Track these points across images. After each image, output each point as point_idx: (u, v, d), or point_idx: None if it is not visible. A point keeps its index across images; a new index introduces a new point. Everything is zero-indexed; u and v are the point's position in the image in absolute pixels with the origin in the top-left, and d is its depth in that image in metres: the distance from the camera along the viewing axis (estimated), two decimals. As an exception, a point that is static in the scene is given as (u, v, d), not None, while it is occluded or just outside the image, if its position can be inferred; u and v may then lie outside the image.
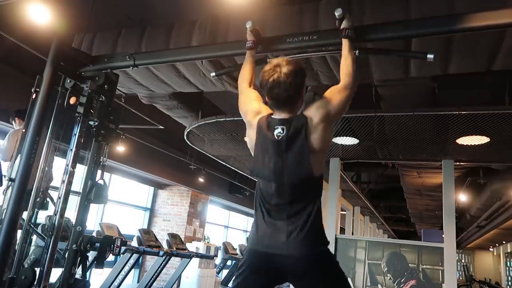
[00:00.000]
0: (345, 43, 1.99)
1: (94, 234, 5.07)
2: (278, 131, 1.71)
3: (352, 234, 7.98)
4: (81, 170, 2.97)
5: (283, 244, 1.66)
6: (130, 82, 3.63)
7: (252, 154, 1.82)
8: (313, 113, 1.71)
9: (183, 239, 7.48)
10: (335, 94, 1.79)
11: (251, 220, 13.67)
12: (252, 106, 1.88)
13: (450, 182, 4.45)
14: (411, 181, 6.28)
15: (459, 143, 3.99)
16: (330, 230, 4.83)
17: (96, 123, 2.93)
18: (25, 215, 2.69)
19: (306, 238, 1.66)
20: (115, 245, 3.15)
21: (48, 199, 2.83)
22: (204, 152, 5.58)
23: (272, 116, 1.76)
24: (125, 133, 4.13)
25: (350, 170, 6.68)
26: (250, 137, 1.83)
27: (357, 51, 2.17)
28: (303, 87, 1.77)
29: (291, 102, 1.73)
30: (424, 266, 4.25)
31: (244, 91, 2.00)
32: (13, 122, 4.04)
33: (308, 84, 3.18)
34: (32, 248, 3.69)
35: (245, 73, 2.08)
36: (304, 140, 1.67)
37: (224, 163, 6.08)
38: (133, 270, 6.52)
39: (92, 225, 6.68)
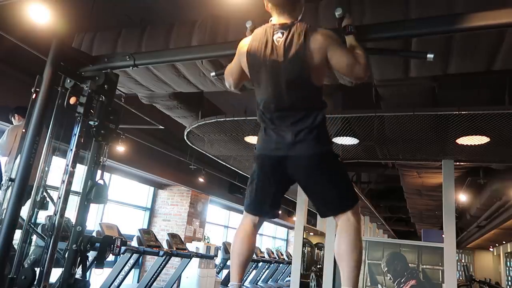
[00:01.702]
0: (350, 39, 1.95)
1: (94, 234, 5.07)
2: (277, 35, 1.75)
3: (352, 234, 7.96)
4: (81, 170, 2.97)
5: (290, 145, 1.72)
6: (130, 82, 3.63)
7: (248, 73, 1.86)
8: (316, 44, 1.71)
9: (183, 239, 7.47)
10: (342, 58, 1.75)
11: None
12: (233, 63, 1.98)
13: (450, 182, 4.45)
14: (411, 181, 6.27)
15: (459, 143, 3.99)
16: (330, 230, 4.83)
17: (96, 123, 2.93)
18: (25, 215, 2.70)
19: (312, 139, 1.71)
20: (115, 245, 3.15)
21: (48, 199, 2.83)
22: (204, 152, 5.58)
23: (272, 23, 1.81)
24: (125, 133, 4.14)
25: (350, 170, 6.68)
26: (243, 63, 1.88)
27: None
28: None
29: (291, 3, 1.78)
30: (424, 266, 4.25)
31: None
32: (12, 118, 4.06)
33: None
34: (32, 248, 3.68)
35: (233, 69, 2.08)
36: (303, 44, 1.69)
37: (224, 163, 6.07)
38: (133, 270, 6.52)
39: (92, 225, 6.68)
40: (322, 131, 1.76)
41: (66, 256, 2.78)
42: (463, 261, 19.57)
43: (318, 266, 5.57)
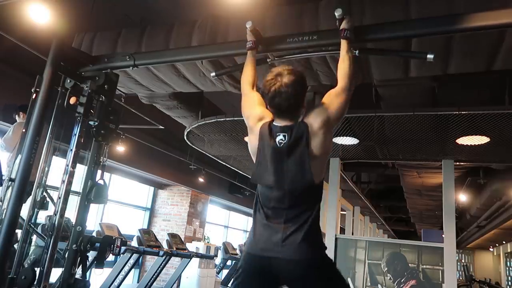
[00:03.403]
0: (343, 44, 1.99)
1: (94, 234, 5.07)
2: (280, 138, 1.73)
3: (352, 234, 7.98)
4: (81, 170, 2.97)
5: (279, 247, 1.66)
6: (130, 82, 3.63)
7: (254, 160, 1.82)
8: (313, 119, 1.72)
9: (183, 239, 7.47)
10: (333, 99, 1.80)
11: (251, 220, 13.63)
12: (255, 111, 1.88)
13: (450, 182, 4.45)
14: (411, 181, 6.28)
15: (459, 143, 3.99)
16: (330, 230, 4.83)
17: (96, 123, 2.93)
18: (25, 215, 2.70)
19: (303, 243, 1.65)
20: (115, 245, 3.15)
21: (48, 199, 2.83)
22: (204, 152, 5.58)
23: (274, 123, 1.77)
24: (125, 133, 4.14)
25: (350, 170, 6.68)
26: (251, 142, 1.84)
27: (357, 52, 2.17)
28: (304, 96, 1.78)
29: (292, 110, 1.74)
30: (424, 266, 4.25)
31: (247, 93, 2.00)
32: (16, 116, 4.12)
33: (308, 84, 3.18)
34: (32, 248, 3.68)
35: (247, 75, 2.08)
36: (305, 147, 1.68)
37: (224, 163, 6.08)
38: (133, 270, 6.52)
39: (92, 225, 6.68)
40: (315, 232, 1.72)
41: (66, 256, 2.78)
42: (463, 261, 19.58)
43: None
